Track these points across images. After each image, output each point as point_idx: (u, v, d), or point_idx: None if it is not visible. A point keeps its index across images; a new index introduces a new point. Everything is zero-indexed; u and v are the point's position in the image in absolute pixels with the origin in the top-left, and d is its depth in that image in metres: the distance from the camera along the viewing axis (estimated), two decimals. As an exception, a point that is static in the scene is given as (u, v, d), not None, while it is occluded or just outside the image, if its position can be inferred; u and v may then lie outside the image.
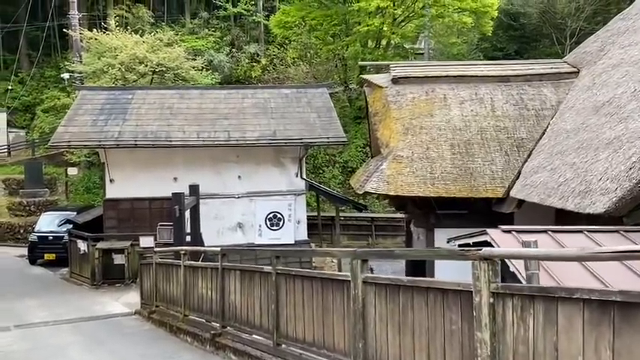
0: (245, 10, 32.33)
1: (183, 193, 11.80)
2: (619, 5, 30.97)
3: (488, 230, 6.95)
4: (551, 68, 12.81)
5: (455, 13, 23.40)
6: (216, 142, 14.81)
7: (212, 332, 8.18)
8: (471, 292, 3.74)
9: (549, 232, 6.56)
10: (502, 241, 6.60)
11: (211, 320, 8.61)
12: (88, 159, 23.25)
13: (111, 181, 15.56)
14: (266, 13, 33.27)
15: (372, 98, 13.06)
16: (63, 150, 24.08)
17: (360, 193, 11.64)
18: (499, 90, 12.35)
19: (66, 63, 24.98)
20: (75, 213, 18.62)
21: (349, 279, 5.16)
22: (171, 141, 14.75)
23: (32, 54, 32.29)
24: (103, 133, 14.86)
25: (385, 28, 24.06)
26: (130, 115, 15.69)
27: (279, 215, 15.97)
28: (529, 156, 10.70)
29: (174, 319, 9.98)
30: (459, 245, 7.93)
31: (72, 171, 24.25)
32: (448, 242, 9.12)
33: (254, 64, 31.57)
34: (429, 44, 28.14)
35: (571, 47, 24.56)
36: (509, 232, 6.83)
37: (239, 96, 16.97)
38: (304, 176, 16.09)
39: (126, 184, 15.43)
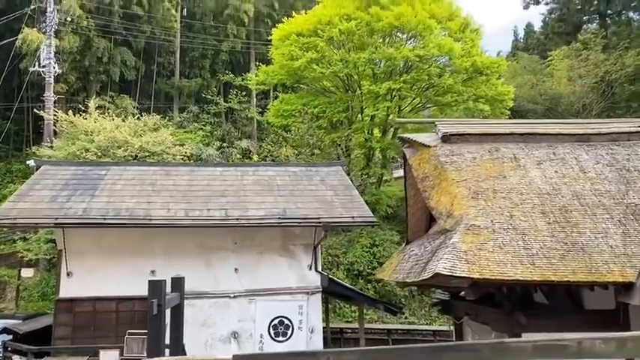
0: (237, 105, 30.49)
1: (164, 280, 8.27)
2: (628, 103, 30.18)
3: None
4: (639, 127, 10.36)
5: (470, 101, 21.55)
6: (210, 222, 11.40)
7: None
8: None
9: None
10: None
11: None
12: (47, 257, 19.42)
13: (68, 274, 11.86)
14: (259, 110, 31.53)
15: (416, 160, 10.19)
16: (19, 249, 20.31)
17: (419, 280, 8.26)
18: (582, 150, 9.80)
19: (34, 149, 22.00)
20: (20, 322, 14.48)
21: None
22: (151, 219, 11.32)
23: (1, 147, 29.41)
24: (63, 210, 11.41)
25: (392, 117, 22.07)
26: (100, 191, 12.40)
27: (286, 321, 12.23)
28: (654, 225, 7.79)
29: None
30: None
31: (27, 272, 20.17)
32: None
33: (246, 160, 29.16)
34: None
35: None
36: None
37: (237, 173, 13.94)
38: (319, 269, 12.59)
39: (87, 278, 11.75)
